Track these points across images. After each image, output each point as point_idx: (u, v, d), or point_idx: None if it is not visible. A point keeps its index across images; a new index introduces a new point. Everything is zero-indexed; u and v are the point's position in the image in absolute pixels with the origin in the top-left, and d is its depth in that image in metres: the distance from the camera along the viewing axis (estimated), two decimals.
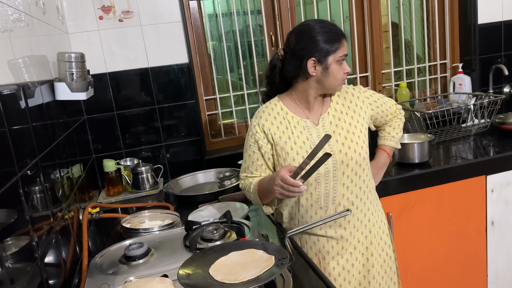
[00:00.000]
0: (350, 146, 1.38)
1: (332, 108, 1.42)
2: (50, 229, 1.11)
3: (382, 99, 1.51)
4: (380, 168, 1.58)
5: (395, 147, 1.60)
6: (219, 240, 1.28)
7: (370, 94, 1.49)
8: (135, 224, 1.61)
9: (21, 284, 0.85)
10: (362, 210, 1.42)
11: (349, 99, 1.45)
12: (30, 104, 1.11)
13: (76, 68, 1.45)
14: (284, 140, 1.38)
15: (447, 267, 2.02)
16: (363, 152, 1.39)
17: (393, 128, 1.57)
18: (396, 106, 1.55)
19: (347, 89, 1.47)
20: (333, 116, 1.41)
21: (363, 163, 1.39)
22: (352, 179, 1.38)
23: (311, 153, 1.15)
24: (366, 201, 1.43)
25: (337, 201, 1.39)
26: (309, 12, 2.47)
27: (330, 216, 1.06)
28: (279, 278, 1.07)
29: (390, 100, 1.54)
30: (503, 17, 2.55)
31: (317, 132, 1.39)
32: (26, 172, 0.98)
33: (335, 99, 1.44)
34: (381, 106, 1.50)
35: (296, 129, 1.39)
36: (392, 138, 1.57)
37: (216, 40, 2.38)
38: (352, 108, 1.43)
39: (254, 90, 2.43)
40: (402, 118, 1.59)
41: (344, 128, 1.40)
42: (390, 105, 1.52)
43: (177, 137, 2.21)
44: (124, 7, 2.02)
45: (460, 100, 2.50)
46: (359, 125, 1.41)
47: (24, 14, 1.20)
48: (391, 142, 1.58)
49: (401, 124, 1.59)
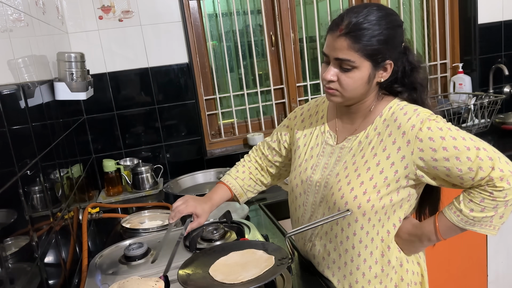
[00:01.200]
0: (341, 188, 1.05)
1: (365, 132, 1.08)
2: (50, 229, 1.11)
3: (457, 152, 0.96)
4: (416, 236, 1.07)
5: (457, 226, 1.01)
6: (219, 240, 1.28)
7: (433, 136, 0.98)
8: (135, 224, 1.61)
9: (21, 284, 0.85)
10: (340, 269, 1.11)
11: (389, 131, 1.03)
12: (30, 104, 1.10)
13: (76, 68, 1.45)
14: (299, 144, 1.21)
15: (447, 267, 2.02)
16: (364, 205, 1.02)
17: (469, 200, 0.99)
18: (492, 173, 0.95)
19: (402, 116, 1.03)
20: (359, 143, 1.08)
21: (358, 217, 1.04)
22: (332, 227, 1.09)
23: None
24: (349, 264, 1.09)
25: (313, 241, 1.15)
26: (309, 12, 2.47)
27: (330, 216, 1.02)
28: (279, 278, 1.07)
29: (480, 160, 0.95)
30: (503, 17, 2.55)
31: (331, 152, 1.13)
32: (26, 172, 0.98)
33: (377, 123, 1.07)
34: (444, 161, 0.97)
35: (316, 138, 1.18)
36: (459, 212, 1.00)
37: (216, 40, 2.38)
38: (384, 143, 1.03)
39: (254, 90, 2.43)
40: (496, 195, 0.96)
41: (356, 164, 1.06)
42: (471, 167, 0.96)
43: (177, 137, 2.21)
44: (124, 7, 2.02)
45: (460, 100, 2.50)
46: (376, 169, 1.02)
47: (24, 14, 1.20)
48: (452, 216, 1.01)
49: (488, 202, 0.97)
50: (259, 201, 1.78)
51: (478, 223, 1.00)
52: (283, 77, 2.44)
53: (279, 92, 2.47)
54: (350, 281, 1.10)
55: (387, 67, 1.03)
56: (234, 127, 2.43)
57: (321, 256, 1.15)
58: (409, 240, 1.08)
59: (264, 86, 2.45)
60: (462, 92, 2.51)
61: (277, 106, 2.47)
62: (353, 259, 1.08)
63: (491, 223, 1.00)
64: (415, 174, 1.02)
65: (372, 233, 1.06)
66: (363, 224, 1.05)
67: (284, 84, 2.45)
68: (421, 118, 1.00)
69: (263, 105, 2.44)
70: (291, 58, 2.40)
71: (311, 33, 2.48)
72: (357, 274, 1.09)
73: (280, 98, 2.48)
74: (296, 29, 2.40)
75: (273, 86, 2.43)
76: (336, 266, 1.12)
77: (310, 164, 1.15)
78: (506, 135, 2.31)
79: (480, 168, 0.95)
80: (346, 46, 0.97)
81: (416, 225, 1.08)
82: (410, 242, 1.08)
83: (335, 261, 1.11)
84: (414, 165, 1.00)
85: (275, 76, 2.44)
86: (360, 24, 0.96)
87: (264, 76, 2.48)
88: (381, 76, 1.04)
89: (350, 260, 1.08)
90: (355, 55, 0.98)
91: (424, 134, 0.98)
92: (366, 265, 1.08)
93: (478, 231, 1.01)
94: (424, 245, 1.09)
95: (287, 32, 2.36)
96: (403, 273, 1.10)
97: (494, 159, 0.96)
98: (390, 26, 0.99)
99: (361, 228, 1.05)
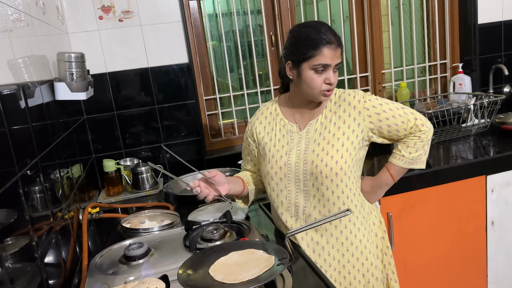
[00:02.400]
0: (323, 159, 1.30)
1: (323, 115, 1.36)
2: (50, 229, 1.11)
3: (392, 112, 1.32)
4: (378, 186, 1.43)
5: (403, 168, 1.39)
6: (219, 240, 1.28)
7: (374, 104, 1.32)
8: (135, 224, 1.61)
9: (21, 284, 0.85)
10: (337, 227, 1.35)
11: (343, 108, 1.34)
12: (30, 104, 1.10)
13: (76, 68, 1.45)
14: (266, 141, 1.41)
15: (447, 267, 2.02)
16: (344, 167, 1.30)
17: (406, 146, 1.36)
18: (416, 122, 1.34)
19: (348, 96, 1.35)
20: (321, 124, 1.35)
21: (342, 177, 1.30)
22: (323, 193, 1.32)
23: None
24: (343, 218, 1.34)
25: (307, 212, 1.35)
26: (309, 12, 2.47)
27: (330, 216, 1.05)
28: (279, 278, 1.07)
29: (407, 115, 1.33)
30: (503, 17, 2.55)
31: (299, 137, 1.36)
32: (26, 172, 0.98)
33: (329, 106, 1.36)
34: (386, 120, 1.32)
35: (280, 132, 1.40)
36: (401, 157, 1.37)
37: (216, 40, 2.38)
38: (343, 118, 1.33)
39: (254, 90, 2.43)
40: (422, 137, 1.35)
41: (326, 139, 1.32)
42: (403, 120, 1.32)
43: (177, 137, 2.21)
44: (124, 7, 2.02)
45: (460, 100, 2.50)
46: (343, 138, 1.31)
47: (24, 14, 1.20)
48: (398, 161, 1.38)
49: (419, 143, 1.35)
50: (259, 201, 1.78)
51: (415, 161, 1.38)
52: None
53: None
54: (346, 234, 1.35)
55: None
56: (234, 127, 2.43)
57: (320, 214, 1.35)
58: (373, 191, 1.43)
59: (264, 86, 2.45)
60: (462, 92, 2.51)
61: None
62: (339, 208, 1.33)
63: (421, 159, 1.39)
64: (367, 135, 1.35)
65: (353, 187, 1.35)
66: (346, 181, 1.32)
67: None
68: (362, 95, 1.34)
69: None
70: None
71: None
72: (345, 220, 1.35)
73: None
74: None
75: (273, 86, 2.43)
76: (328, 232, 1.35)
77: (284, 151, 1.37)
78: (506, 135, 2.31)
79: (408, 120, 1.33)
80: (340, 53, 1.28)
81: (374, 178, 1.44)
82: (373, 192, 1.43)
83: (327, 229, 1.35)
84: (367, 128, 1.33)
85: (275, 76, 2.44)
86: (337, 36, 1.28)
87: (264, 76, 2.48)
88: None
89: (338, 209, 1.33)
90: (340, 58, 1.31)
91: (368, 104, 1.32)
92: (354, 216, 1.36)
93: (415, 167, 1.39)
94: (384, 190, 1.45)
95: (287, 32, 2.36)
96: (373, 218, 1.44)
97: (414, 112, 1.36)
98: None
99: (345, 186, 1.32)
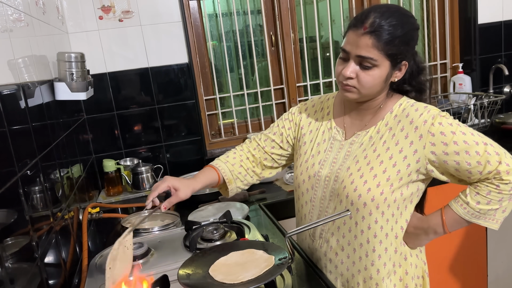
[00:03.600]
0: (353, 181, 1.07)
1: (376, 128, 1.10)
2: (50, 229, 1.11)
3: (466, 146, 0.99)
4: (423, 230, 1.10)
5: (463, 219, 1.05)
6: (219, 240, 1.28)
7: (444, 131, 1.00)
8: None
9: (21, 284, 0.85)
10: (355, 264, 1.12)
11: (402, 125, 1.06)
12: (30, 104, 1.10)
13: (76, 68, 1.45)
14: (305, 140, 1.22)
15: (447, 267, 2.02)
16: (377, 198, 1.04)
17: (475, 193, 1.02)
18: (499, 167, 0.99)
19: (413, 112, 1.05)
20: (370, 138, 1.10)
21: (372, 210, 1.06)
22: (345, 221, 1.10)
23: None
24: (364, 258, 1.10)
25: (324, 237, 1.16)
26: (309, 12, 2.47)
27: (330, 216, 1.02)
28: (279, 278, 1.07)
29: (488, 154, 0.99)
30: (503, 17, 2.55)
31: (340, 148, 1.14)
32: (26, 172, 0.98)
33: (387, 118, 1.09)
34: (455, 155, 1.00)
35: (323, 134, 1.19)
36: (465, 204, 1.04)
37: (216, 40, 2.38)
38: (397, 137, 1.05)
39: (254, 90, 2.43)
40: (502, 188, 1.00)
41: (368, 158, 1.08)
42: (479, 161, 0.99)
43: (177, 137, 2.21)
44: (124, 7, 2.02)
45: (460, 100, 2.50)
46: (388, 163, 1.04)
47: (24, 14, 1.20)
48: (459, 208, 1.04)
49: (495, 194, 1.00)
50: (259, 201, 1.78)
51: (483, 216, 1.03)
52: (283, 77, 2.44)
53: (279, 92, 2.47)
54: (365, 276, 1.11)
55: (402, 67, 1.06)
56: (234, 127, 2.43)
57: (333, 252, 1.15)
58: (415, 234, 1.11)
59: (264, 86, 2.45)
60: (462, 92, 2.51)
61: (277, 106, 2.47)
62: (367, 254, 1.09)
63: (494, 216, 1.04)
64: (426, 168, 1.04)
65: (387, 228, 1.08)
66: (377, 217, 1.07)
67: (284, 84, 2.45)
68: (432, 114, 1.03)
69: (263, 105, 2.44)
70: (291, 58, 2.40)
71: (311, 33, 2.48)
72: (372, 270, 1.10)
73: (280, 98, 2.48)
74: (296, 29, 2.40)
75: (273, 86, 2.43)
76: (350, 261, 1.12)
77: (318, 159, 1.17)
78: (506, 135, 2.31)
79: (488, 162, 0.99)
80: (370, 44, 0.99)
81: (422, 218, 1.11)
82: (415, 236, 1.11)
83: (350, 256, 1.12)
84: (426, 159, 1.03)
85: (275, 76, 2.44)
86: (385, 25, 0.98)
87: (264, 76, 2.48)
88: (396, 76, 1.07)
89: (365, 255, 1.10)
90: (377, 54, 1.00)
91: (436, 128, 1.01)
92: (381, 261, 1.10)
93: (482, 224, 1.04)
94: (429, 238, 1.11)
95: (287, 32, 2.36)
96: (408, 266, 1.13)
97: (501, 154, 1.01)
98: (410, 28, 1.03)
99: (375, 222, 1.07)
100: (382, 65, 1.02)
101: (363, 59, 1.00)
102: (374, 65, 1.01)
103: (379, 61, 1.01)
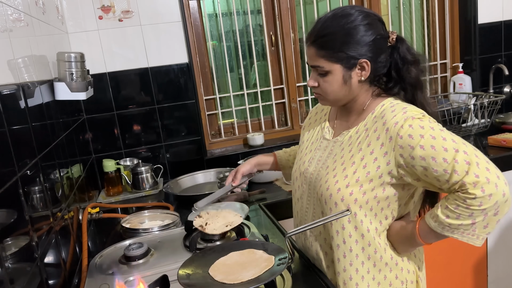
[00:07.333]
0: (327, 181, 1.07)
1: (357, 128, 1.09)
2: (49, 229, 1.11)
3: (433, 152, 0.93)
4: (403, 237, 1.06)
5: (435, 231, 0.98)
6: (219, 240, 1.28)
7: (413, 134, 0.96)
8: (135, 224, 1.61)
9: (21, 284, 0.85)
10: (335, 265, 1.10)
11: (376, 126, 1.04)
12: (30, 104, 1.10)
13: (75, 68, 1.45)
14: (303, 139, 1.28)
15: (447, 267, 2.02)
16: (347, 199, 1.03)
17: (445, 206, 0.95)
18: (465, 178, 0.91)
19: (389, 113, 1.03)
20: (349, 138, 1.10)
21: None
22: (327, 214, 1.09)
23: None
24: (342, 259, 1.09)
25: (309, 237, 1.18)
26: (309, 12, 2.47)
27: (330, 216, 1.01)
28: (279, 278, 1.07)
29: (456, 163, 0.92)
30: (503, 17, 2.55)
31: (326, 146, 1.16)
32: (26, 172, 0.98)
33: (368, 119, 1.08)
34: (421, 160, 0.95)
35: (317, 133, 1.22)
36: (436, 217, 0.97)
37: (216, 40, 2.38)
38: (370, 139, 1.04)
39: (254, 90, 2.43)
40: (469, 203, 0.91)
41: (343, 158, 1.08)
42: (446, 169, 0.92)
43: (177, 137, 2.21)
44: (123, 7, 2.02)
45: (460, 100, 2.50)
46: (359, 164, 1.04)
47: (23, 14, 1.20)
48: (430, 220, 0.99)
49: (463, 210, 0.92)
50: (259, 201, 1.78)
51: (457, 230, 0.95)
52: (283, 77, 2.44)
53: (279, 92, 2.47)
54: (344, 278, 1.09)
55: (364, 65, 1.04)
56: (234, 127, 2.43)
57: (323, 252, 1.15)
58: (398, 241, 1.08)
59: (264, 86, 2.45)
60: (462, 92, 2.51)
61: (277, 106, 2.47)
62: (345, 255, 1.08)
63: (474, 232, 0.95)
64: (397, 172, 1.00)
65: (362, 228, 1.05)
66: (350, 217, 1.05)
67: (284, 84, 2.45)
68: (406, 116, 0.99)
69: (263, 105, 2.44)
70: (291, 58, 2.40)
71: None
72: (351, 271, 1.08)
73: (280, 98, 2.48)
74: (296, 29, 2.40)
75: (273, 86, 2.43)
76: (333, 263, 1.12)
77: (308, 157, 1.20)
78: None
79: (455, 171, 0.92)
80: (314, 53, 1.05)
81: (403, 226, 1.07)
82: (399, 242, 1.08)
83: (331, 258, 1.12)
84: (396, 162, 0.99)
85: (275, 76, 2.44)
86: (320, 32, 1.04)
87: (264, 76, 2.48)
88: (360, 75, 1.06)
89: (342, 256, 1.08)
90: (322, 61, 1.05)
91: (404, 131, 0.97)
92: (358, 260, 1.07)
93: (459, 239, 0.96)
94: (412, 246, 1.07)
95: (287, 32, 2.36)
96: (398, 271, 1.10)
97: (472, 163, 0.92)
98: (347, 27, 1.02)
99: (348, 222, 1.06)
100: (333, 70, 1.04)
101: (316, 68, 1.06)
102: (325, 72, 1.05)
103: (328, 67, 1.04)
